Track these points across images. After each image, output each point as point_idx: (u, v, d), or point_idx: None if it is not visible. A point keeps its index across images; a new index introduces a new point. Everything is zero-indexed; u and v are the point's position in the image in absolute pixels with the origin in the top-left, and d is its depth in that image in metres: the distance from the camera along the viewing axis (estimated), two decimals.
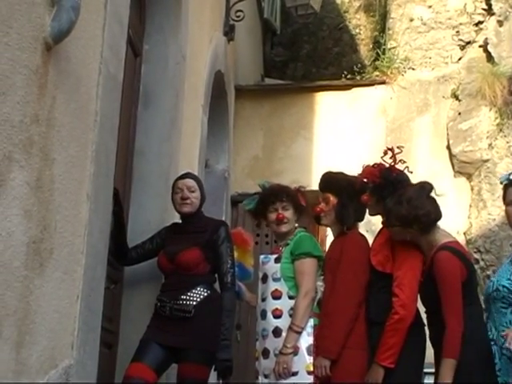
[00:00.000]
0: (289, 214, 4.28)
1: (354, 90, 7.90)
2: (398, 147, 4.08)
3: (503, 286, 3.60)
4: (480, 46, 7.70)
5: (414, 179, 4.07)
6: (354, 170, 4.31)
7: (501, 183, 3.87)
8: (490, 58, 7.56)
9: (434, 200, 3.87)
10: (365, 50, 10.02)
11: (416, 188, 3.86)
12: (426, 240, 3.80)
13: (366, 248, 4.07)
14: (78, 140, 3.08)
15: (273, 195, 4.31)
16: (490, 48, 7.53)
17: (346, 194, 4.18)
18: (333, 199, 4.19)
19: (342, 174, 4.36)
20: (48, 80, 2.70)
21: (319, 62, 10.33)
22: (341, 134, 7.70)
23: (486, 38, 7.61)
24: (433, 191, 3.92)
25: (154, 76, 4.71)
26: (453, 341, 3.56)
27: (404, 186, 3.96)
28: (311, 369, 3.98)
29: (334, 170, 4.44)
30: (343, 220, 4.17)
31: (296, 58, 10.73)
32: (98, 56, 3.25)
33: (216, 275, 4.23)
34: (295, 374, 4.00)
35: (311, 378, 3.97)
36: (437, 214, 3.81)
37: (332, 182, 4.31)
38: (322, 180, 4.36)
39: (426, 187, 3.89)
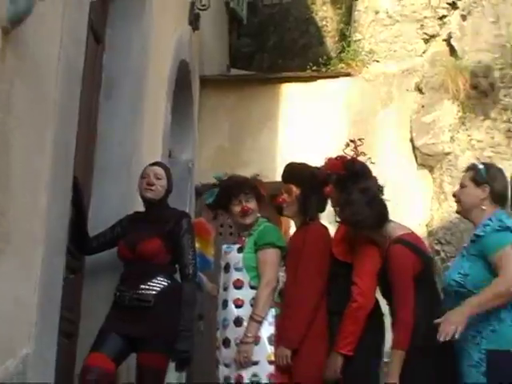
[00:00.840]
0: (253, 205, 4.30)
1: (320, 81, 7.92)
2: (359, 139, 4.11)
3: (454, 280, 3.61)
4: (444, 40, 7.76)
5: (378, 171, 4.11)
6: (318, 161, 4.32)
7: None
8: (453, 51, 7.63)
9: (379, 202, 3.89)
10: (331, 42, 10.04)
11: (360, 190, 3.89)
12: (379, 234, 3.84)
13: (327, 239, 4.10)
14: (37, 127, 3.04)
15: (236, 187, 4.31)
16: (453, 42, 7.60)
17: (309, 185, 4.20)
18: (295, 190, 4.22)
19: (304, 165, 4.38)
20: (6, 65, 2.66)
21: (285, 53, 10.34)
22: (306, 125, 7.70)
23: (450, 32, 7.68)
24: (382, 191, 3.97)
25: (116, 63, 4.67)
26: (402, 332, 3.60)
27: (367, 178, 3.99)
28: (272, 358, 4.01)
29: (299, 161, 4.46)
30: (305, 211, 4.20)
31: (262, 48, 10.72)
32: (57, 42, 3.21)
33: (177, 266, 4.22)
34: (256, 363, 4.02)
35: (272, 368, 4.00)
36: (379, 218, 3.84)
37: (295, 173, 4.33)
38: (284, 171, 4.38)
39: (370, 190, 3.91)
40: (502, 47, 7.23)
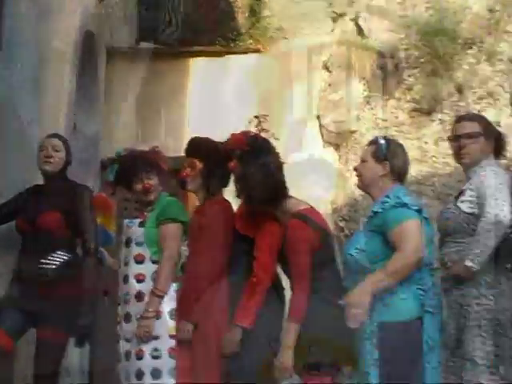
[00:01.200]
0: (154, 181, 4.27)
1: (229, 57, 7.89)
2: (263, 116, 4.16)
3: (350, 255, 3.67)
4: (351, 20, 7.85)
5: (285, 148, 4.17)
6: (225, 136, 4.32)
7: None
8: (360, 31, 7.73)
9: (276, 179, 3.91)
10: (241, 18, 9.99)
11: (258, 166, 3.91)
12: (280, 210, 3.88)
13: (229, 213, 4.11)
14: None
15: (136, 166, 4.27)
16: (360, 22, 7.70)
17: (213, 159, 4.20)
18: (199, 164, 4.21)
19: (208, 139, 4.37)
20: None
21: (196, 27, 10.23)
22: (214, 100, 7.67)
23: (358, 12, 7.77)
24: (282, 167, 4.01)
25: (16, 31, 4.53)
26: (297, 306, 3.67)
27: (267, 154, 4.02)
28: (173, 332, 4.02)
29: (206, 136, 4.45)
30: (209, 186, 4.20)
31: (172, 22, 10.58)
32: None
33: (77, 240, 4.17)
34: (157, 337, 4.03)
35: (173, 342, 4.01)
36: (274, 194, 3.86)
37: (198, 147, 4.31)
38: (188, 145, 4.36)
39: (268, 166, 3.93)
40: (408, 28, 7.36)
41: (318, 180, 7.17)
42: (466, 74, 7.01)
